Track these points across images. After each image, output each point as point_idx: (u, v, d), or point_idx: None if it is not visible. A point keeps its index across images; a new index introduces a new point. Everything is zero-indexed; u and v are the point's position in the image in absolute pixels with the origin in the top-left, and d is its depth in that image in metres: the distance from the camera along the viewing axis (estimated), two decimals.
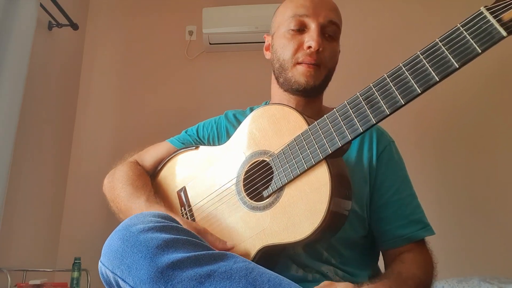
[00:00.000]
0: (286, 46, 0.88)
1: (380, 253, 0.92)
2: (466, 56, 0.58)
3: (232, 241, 0.79)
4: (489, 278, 1.39)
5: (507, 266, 1.79)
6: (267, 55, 0.98)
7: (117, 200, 0.93)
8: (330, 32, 0.87)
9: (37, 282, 1.60)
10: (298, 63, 0.86)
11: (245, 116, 1.00)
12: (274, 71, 0.94)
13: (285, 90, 0.92)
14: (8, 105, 1.55)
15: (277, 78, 0.93)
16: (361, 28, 2.17)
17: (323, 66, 0.87)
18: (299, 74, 0.86)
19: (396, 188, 0.87)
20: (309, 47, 0.84)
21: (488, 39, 0.57)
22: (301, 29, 0.87)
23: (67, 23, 2.02)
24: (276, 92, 0.96)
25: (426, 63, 0.61)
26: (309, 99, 0.92)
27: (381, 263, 0.92)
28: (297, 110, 0.77)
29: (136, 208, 0.87)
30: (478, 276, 1.42)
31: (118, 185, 0.94)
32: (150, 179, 0.99)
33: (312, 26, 0.85)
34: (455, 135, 2.02)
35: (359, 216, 0.86)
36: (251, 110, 1.02)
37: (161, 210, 0.83)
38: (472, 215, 1.91)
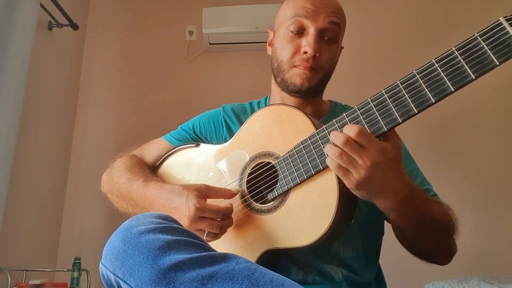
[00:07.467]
0: (284, 48, 0.88)
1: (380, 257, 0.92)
2: (483, 68, 0.56)
3: (236, 242, 0.78)
4: (489, 278, 1.39)
5: (507, 266, 1.79)
6: (269, 50, 0.99)
7: (116, 187, 0.94)
8: (330, 35, 0.87)
9: (37, 282, 1.60)
10: (295, 66, 0.87)
11: (244, 110, 1.00)
12: (272, 69, 0.94)
13: (282, 89, 0.93)
14: (9, 105, 1.55)
15: (275, 77, 0.94)
16: (363, 27, 2.16)
17: (320, 68, 0.88)
18: (295, 76, 0.87)
19: None
20: (305, 52, 0.85)
21: (507, 51, 0.54)
22: (300, 31, 0.87)
23: (67, 23, 2.02)
24: (275, 89, 0.96)
25: (441, 72, 0.59)
26: (308, 100, 0.92)
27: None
28: (304, 113, 0.76)
29: (134, 190, 0.88)
30: (478, 276, 1.43)
31: (116, 174, 0.96)
32: None
33: (311, 30, 0.86)
34: (456, 133, 2.03)
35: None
36: (251, 105, 1.02)
37: (158, 185, 0.85)
38: (472, 215, 1.91)
